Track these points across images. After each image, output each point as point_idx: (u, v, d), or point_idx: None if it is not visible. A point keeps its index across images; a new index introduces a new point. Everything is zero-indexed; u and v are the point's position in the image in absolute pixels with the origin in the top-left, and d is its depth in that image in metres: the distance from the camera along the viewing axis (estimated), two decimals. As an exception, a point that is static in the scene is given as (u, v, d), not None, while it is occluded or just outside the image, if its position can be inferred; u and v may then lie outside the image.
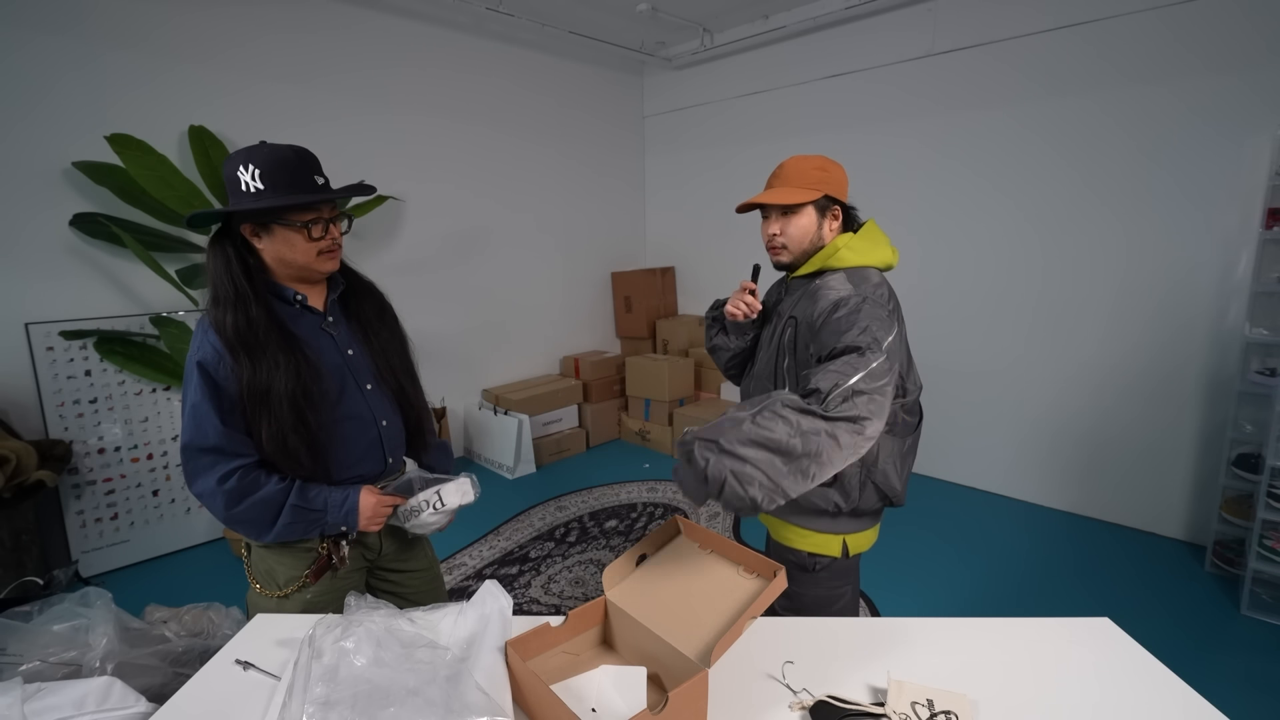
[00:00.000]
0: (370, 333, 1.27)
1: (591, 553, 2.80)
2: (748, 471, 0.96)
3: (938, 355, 3.51)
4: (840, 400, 1.02)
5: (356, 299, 1.28)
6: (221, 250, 1.10)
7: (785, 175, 1.26)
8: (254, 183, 1.05)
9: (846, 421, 1.01)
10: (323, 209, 1.12)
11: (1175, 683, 0.93)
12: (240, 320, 1.06)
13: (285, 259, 1.11)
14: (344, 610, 0.95)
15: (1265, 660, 2.05)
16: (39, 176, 2.46)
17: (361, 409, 1.21)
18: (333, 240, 1.13)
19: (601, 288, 4.80)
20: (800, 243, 1.26)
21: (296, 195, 1.06)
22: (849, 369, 1.05)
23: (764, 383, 1.34)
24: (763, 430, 0.98)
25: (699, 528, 1.07)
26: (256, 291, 1.10)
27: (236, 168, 1.06)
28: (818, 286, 1.23)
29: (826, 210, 1.26)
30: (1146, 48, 2.70)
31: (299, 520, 1.12)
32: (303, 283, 1.18)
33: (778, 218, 1.27)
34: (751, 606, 0.87)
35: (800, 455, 0.97)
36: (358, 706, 0.76)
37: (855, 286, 1.18)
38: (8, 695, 0.92)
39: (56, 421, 2.55)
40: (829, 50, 3.72)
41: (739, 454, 0.96)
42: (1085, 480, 3.09)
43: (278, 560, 1.20)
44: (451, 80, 3.70)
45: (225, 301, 1.08)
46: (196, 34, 2.78)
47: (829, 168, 1.25)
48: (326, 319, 1.21)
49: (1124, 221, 2.85)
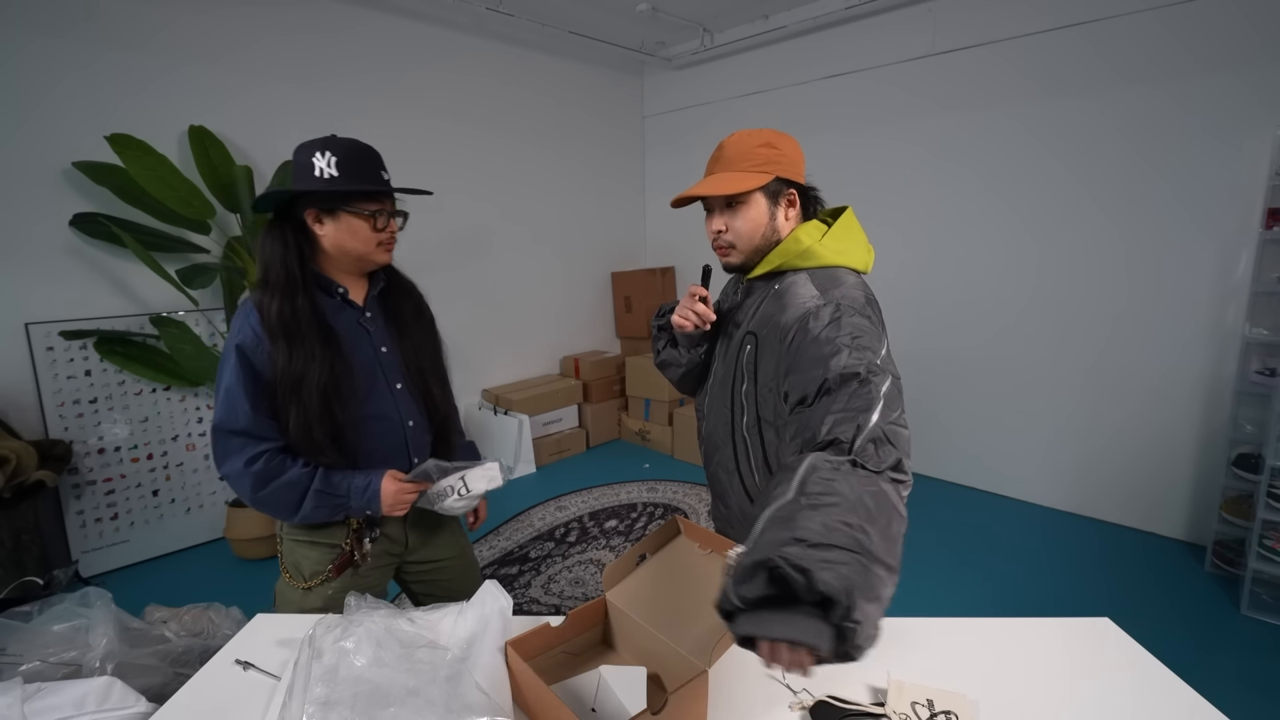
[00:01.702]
0: (405, 332, 1.28)
1: (591, 553, 2.80)
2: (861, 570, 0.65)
3: (937, 356, 3.51)
4: (874, 448, 0.80)
5: (395, 297, 1.29)
6: (280, 235, 1.11)
7: (726, 158, 1.05)
8: (329, 169, 1.07)
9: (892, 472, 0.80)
10: (386, 202, 1.15)
11: (1175, 683, 0.93)
12: (286, 307, 1.08)
13: (346, 246, 1.13)
14: (344, 610, 0.95)
15: (1265, 660, 2.05)
16: (39, 176, 2.46)
17: (389, 408, 1.23)
18: (391, 233, 1.17)
19: (601, 288, 4.80)
20: (751, 239, 1.05)
21: (366, 183, 1.10)
22: (861, 404, 0.84)
23: (720, 405, 1.15)
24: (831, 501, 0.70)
25: (699, 528, 1.07)
26: (305, 280, 1.12)
27: (311, 154, 1.08)
28: (779, 293, 1.04)
29: (780, 196, 1.04)
30: (1146, 48, 2.70)
31: (323, 504, 1.13)
32: (351, 274, 1.20)
33: (721, 211, 1.06)
34: None
35: (877, 516, 0.71)
36: (358, 706, 0.76)
37: (823, 292, 0.99)
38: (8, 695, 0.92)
39: (56, 421, 2.55)
40: (829, 50, 3.72)
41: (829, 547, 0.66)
42: (1085, 480, 3.09)
43: (305, 554, 1.23)
44: (451, 80, 3.70)
45: (275, 286, 1.09)
46: (197, 34, 2.78)
47: (779, 143, 1.04)
48: (365, 314, 1.22)
49: (1123, 221, 2.85)
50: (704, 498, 3.32)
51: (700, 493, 3.40)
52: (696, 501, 3.30)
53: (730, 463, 1.15)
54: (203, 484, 2.94)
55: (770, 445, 1.07)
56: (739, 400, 1.10)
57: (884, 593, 0.68)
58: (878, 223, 3.57)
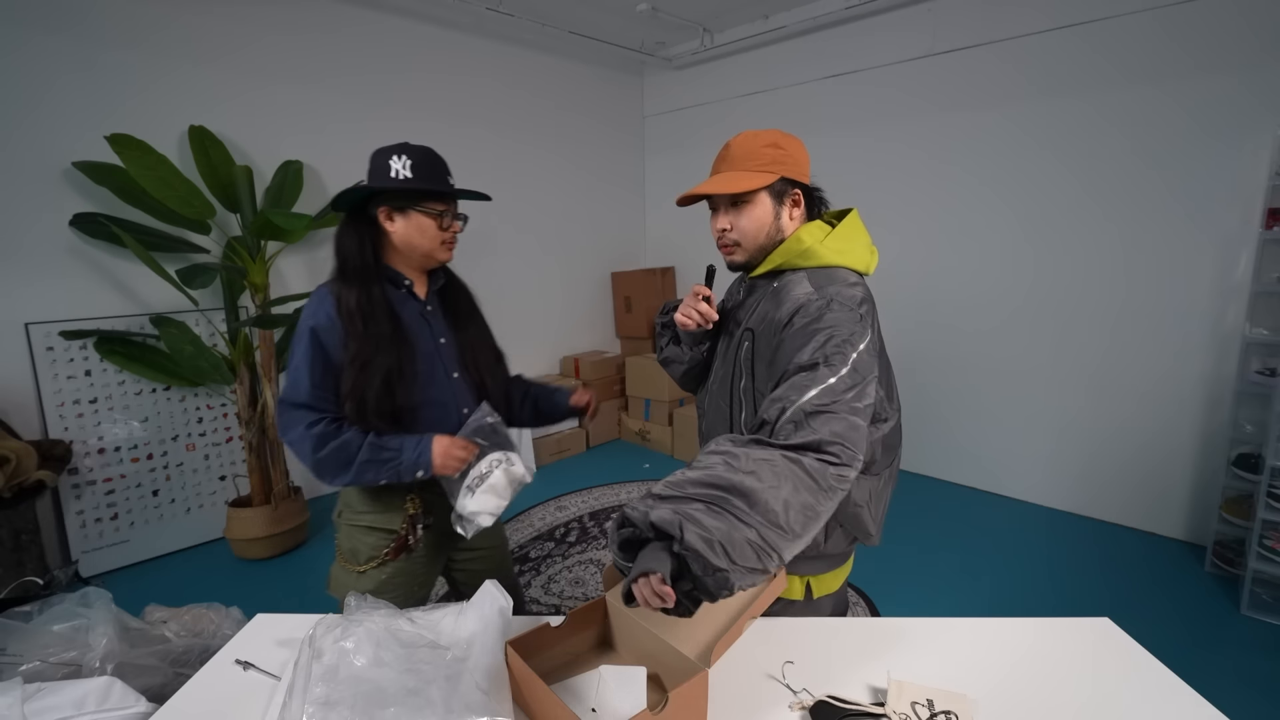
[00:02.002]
0: (461, 326, 1.37)
1: (591, 553, 2.80)
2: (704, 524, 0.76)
3: (937, 356, 3.51)
4: (792, 426, 0.85)
5: (453, 294, 1.40)
6: (355, 230, 1.23)
7: (732, 157, 1.06)
8: (404, 171, 1.19)
9: (805, 450, 0.83)
10: (451, 204, 1.26)
11: (1175, 683, 0.93)
12: (362, 295, 1.18)
13: (413, 242, 1.23)
14: (344, 610, 0.95)
15: (1265, 660, 2.05)
16: (39, 176, 2.46)
17: (446, 395, 1.31)
18: (454, 233, 1.27)
19: (601, 288, 4.80)
20: (755, 237, 1.06)
21: (440, 186, 1.21)
22: (797, 388, 0.88)
23: (719, 402, 1.16)
24: (697, 471, 0.81)
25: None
26: (380, 271, 1.23)
27: (389, 157, 1.20)
28: (777, 291, 1.05)
29: (785, 195, 1.05)
30: (1146, 48, 2.71)
31: (374, 458, 1.17)
32: (416, 270, 1.30)
33: (726, 210, 1.07)
34: (751, 607, 0.87)
35: (758, 491, 0.78)
36: (358, 706, 0.76)
37: (818, 289, 0.99)
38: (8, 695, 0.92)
39: (56, 421, 2.55)
40: (829, 50, 3.72)
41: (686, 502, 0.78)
42: (1085, 480, 3.09)
43: (362, 539, 1.29)
44: (451, 80, 3.70)
45: (353, 275, 1.20)
46: (197, 34, 2.78)
47: (784, 143, 1.05)
48: (426, 307, 1.31)
49: (1124, 221, 2.85)
50: (704, 498, 3.32)
51: (700, 493, 3.40)
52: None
53: None
54: (203, 484, 2.94)
55: None
56: (737, 396, 1.10)
57: (737, 536, 0.76)
58: (877, 223, 3.56)
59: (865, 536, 1.13)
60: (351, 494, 1.31)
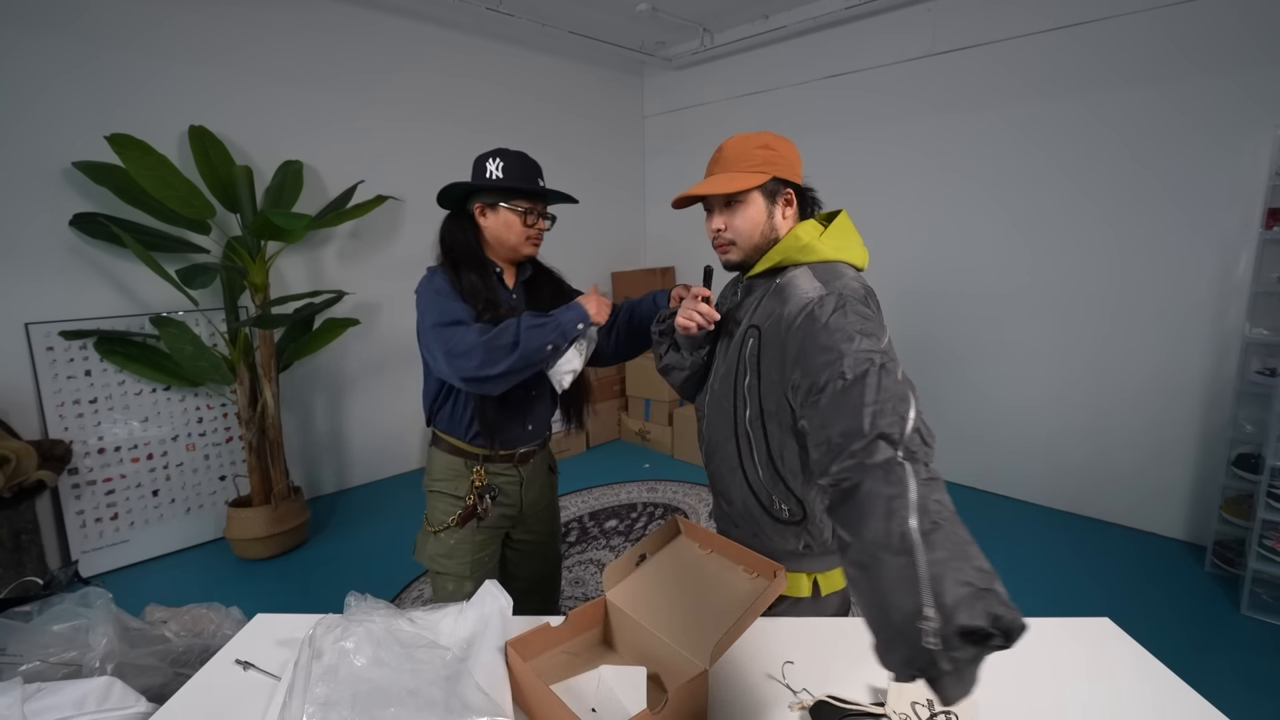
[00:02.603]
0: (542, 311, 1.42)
1: (591, 553, 2.80)
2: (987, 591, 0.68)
3: (936, 356, 3.51)
4: (919, 438, 0.83)
5: (538, 283, 1.50)
6: (460, 223, 1.38)
7: (724, 159, 1.08)
8: (497, 171, 1.32)
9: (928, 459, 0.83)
10: (538, 204, 1.37)
11: (1175, 683, 0.93)
12: (470, 277, 1.32)
13: (501, 237, 1.36)
14: (344, 610, 0.95)
15: (1265, 660, 2.05)
16: (39, 176, 2.47)
17: (528, 381, 1.36)
18: (539, 230, 1.38)
19: (601, 287, 4.79)
20: (750, 237, 1.08)
21: (525, 184, 1.33)
22: (894, 395, 0.83)
23: (722, 401, 1.14)
24: (940, 530, 0.73)
25: (699, 528, 1.07)
26: (483, 260, 1.38)
27: (486, 160, 1.33)
28: (781, 287, 1.06)
29: (777, 195, 1.07)
30: (1146, 49, 2.71)
31: (535, 323, 1.25)
32: (505, 261, 1.42)
33: (721, 210, 1.09)
34: (752, 607, 0.87)
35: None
36: (358, 706, 0.76)
37: (825, 284, 1.00)
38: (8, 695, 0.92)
39: (56, 421, 2.55)
40: (829, 50, 3.72)
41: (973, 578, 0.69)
42: (1085, 480, 3.09)
43: (437, 504, 1.42)
44: (451, 80, 3.70)
45: (460, 261, 1.34)
46: (197, 34, 2.78)
47: (775, 145, 1.07)
48: (513, 295, 1.43)
49: (1124, 221, 2.85)
50: (704, 498, 3.32)
51: (700, 493, 3.40)
52: (696, 501, 3.30)
53: (733, 458, 1.14)
54: (203, 484, 2.94)
55: (773, 438, 1.06)
56: (741, 394, 1.10)
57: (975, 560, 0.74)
58: (876, 223, 3.59)
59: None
60: (433, 462, 1.44)
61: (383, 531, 3.04)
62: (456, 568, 1.40)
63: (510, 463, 1.43)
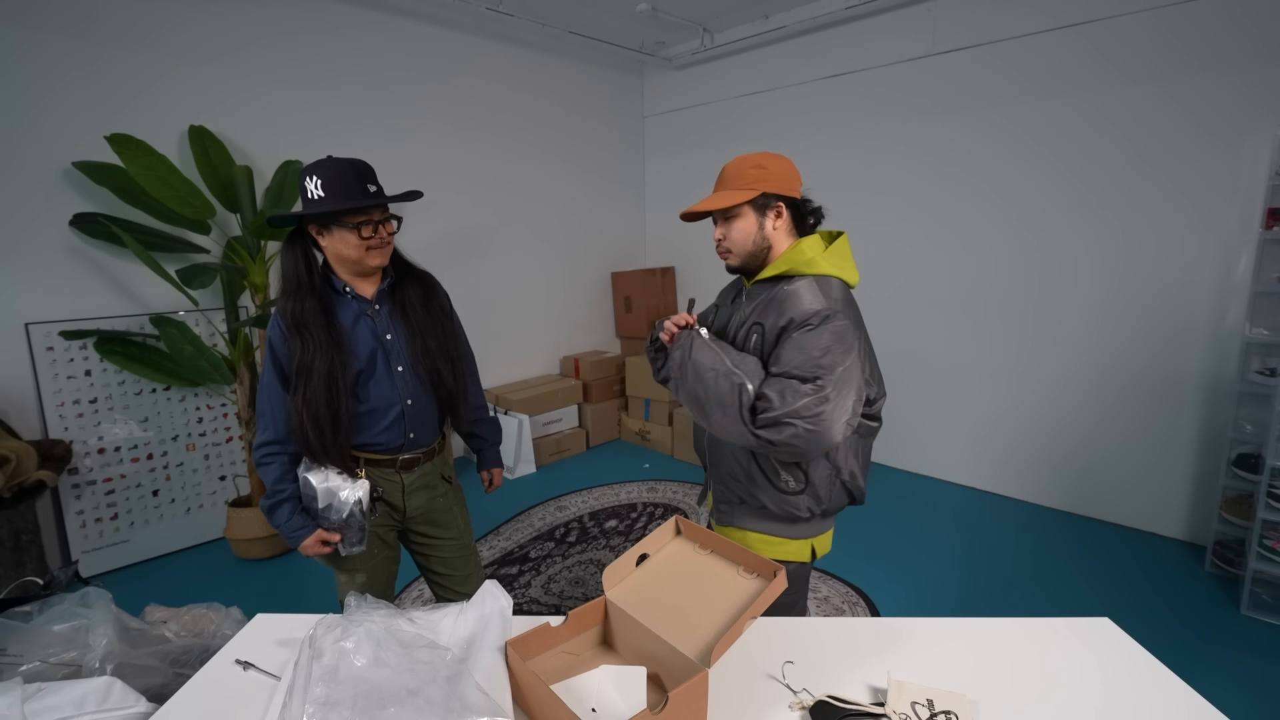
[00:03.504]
0: (412, 318, 1.42)
1: (591, 553, 2.80)
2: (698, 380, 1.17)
3: (936, 356, 3.51)
4: (767, 424, 1.10)
5: (404, 287, 1.43)
6: (292, 249, 1.32)
7: (724, 178, 1.25)
8: (317, 191, 1.25)
9: (765, 441, 1.11)
10: (373, 212, 1.29)
11: (1175, 683, 0.93)
12: (297, 308, 1.29)
13: (341, 255, 1.31)
14: (344, 610, 0.95)
15: (1265, 660, 2.05)
16: (39, 176, 2.46)
17: (388, 389, 1.38)
18: (380, 239, 1.31)
19: (601, 288, 4.80)
20: (743, 245, 1.24)
21: (347, 202, 1.25)
22: (789, 395, 1.10)
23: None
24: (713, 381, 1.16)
25: (699, 528, 1.07)
26: (314, 284, 1.32)
27: (304, 179, 1.26)
28: (786, 294, 1.19)
29: (767, 208, 1.22)
30: (1146, 48, 2.71)
31: (269, 510, 1.36)
32: (358, 276, 1.36)
33: (720, 222, 1.26)
34: (751, 607, 0.87)
35: (714, 399, 1.14)
36: (358, 706, 0.76)
37: (826, 299, 1.15)
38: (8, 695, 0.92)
39: (56, 421, 2.55)
40: (829, 50, 3.72)
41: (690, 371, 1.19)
42: (1086, 480, 3.09)
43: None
44: (451, 80, 3.70)
45: (289, 292, 1.31)
46: (197, 34, 2.78)
47: (767, 164, 1.21)
48: (372, 306, 1.38)
49: (1124, 222, 2.85)
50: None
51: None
52: (696, 501, 3.30)
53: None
54: (203, 484, 2.94)
55: None
56: None
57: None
58: (876, 222, 3.59)
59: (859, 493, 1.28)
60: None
61: (383, 531, 3.04)
62: (346, 564, 1.45)
63: (392, 468, 1.44)
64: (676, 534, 1.10)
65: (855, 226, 1.50)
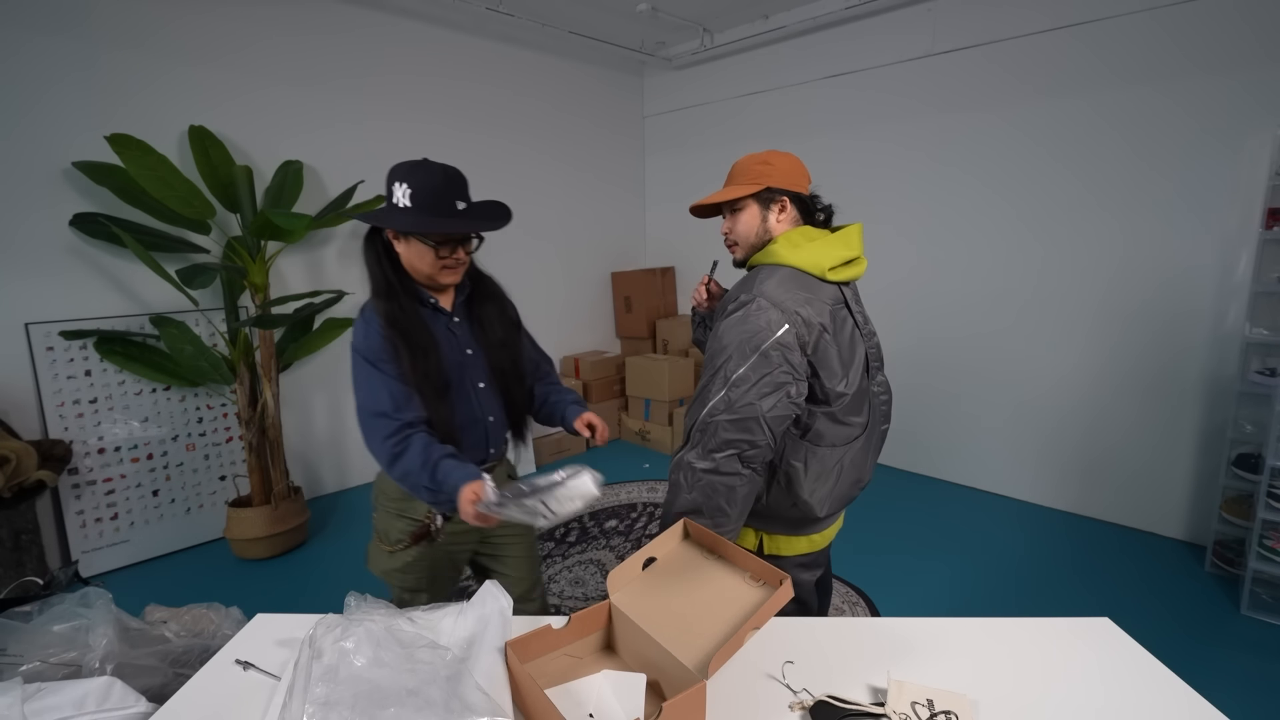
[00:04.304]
0: (489, 335, 1.38)
1: (591, 553, 2.80)
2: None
3: (937, 356, 3.51)
4: (699, 434, 1.13)
5: (480, 302, 1.40)
6: (374, 247, 1.26)
7: (732, 174, 1.29)
8: (404, 200, 1.18)
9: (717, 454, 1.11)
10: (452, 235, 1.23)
11: (1175, 683, 0.93)
12: (396, 309, 1.23)
13: (415, 266, 1.25)
14: (344, 610, 0.95)
15: (1265, 660, 2.05)
16: (39, 176, 2.46)
17: (473, 405, 1.34)
18: (456, 260, 1.26)
19: (601, 288, 4.80)
20: (747, 237, 1.28)
21: (431, 222, 1.19)
22: (700, 401, 1.15)
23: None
24: (672, 504, 1.15)
25: (707, 532, 1.06)
26: (404, 286, 1.26)
27: (394, 181, 1.19)
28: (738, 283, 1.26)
29: (771, 202, 1.24)
30: (1146, 49, 2.70)
31: (421, 485, 1.20)
32: (432, 288, 1.30)
33: (728, 215, 1.30)
34: (754, 617, 0.86)
35: (704, 505, 1.12)
36: (358, 706, 0.76)
37: (747, 290, 1.17)
38: (8, 695, 0.92)
39: (56, 421, 2.55)
40: (829, 50, 3.72)
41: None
42: (1085, 480, 3.09)
43: (393, 523, 1.36)
44: (451, 80, 3.70)
45: (381, 293, 1.24)
46: (197, 34, 2.78)
47: (772, 160, 1.24)
48: (453, 319, 1.33)
49: (1124, 222, 2.85)
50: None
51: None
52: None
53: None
54: (203, 484, 2.94)
55: None
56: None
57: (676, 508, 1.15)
58: (876, 222, 3.58)
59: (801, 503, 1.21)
60: (384, 480, 1.35)
61: (383, 531, 3.04)
62: (412, 582, 1.37)
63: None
64: (684, 537, 1.10)
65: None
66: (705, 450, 1.12)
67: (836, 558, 2.66)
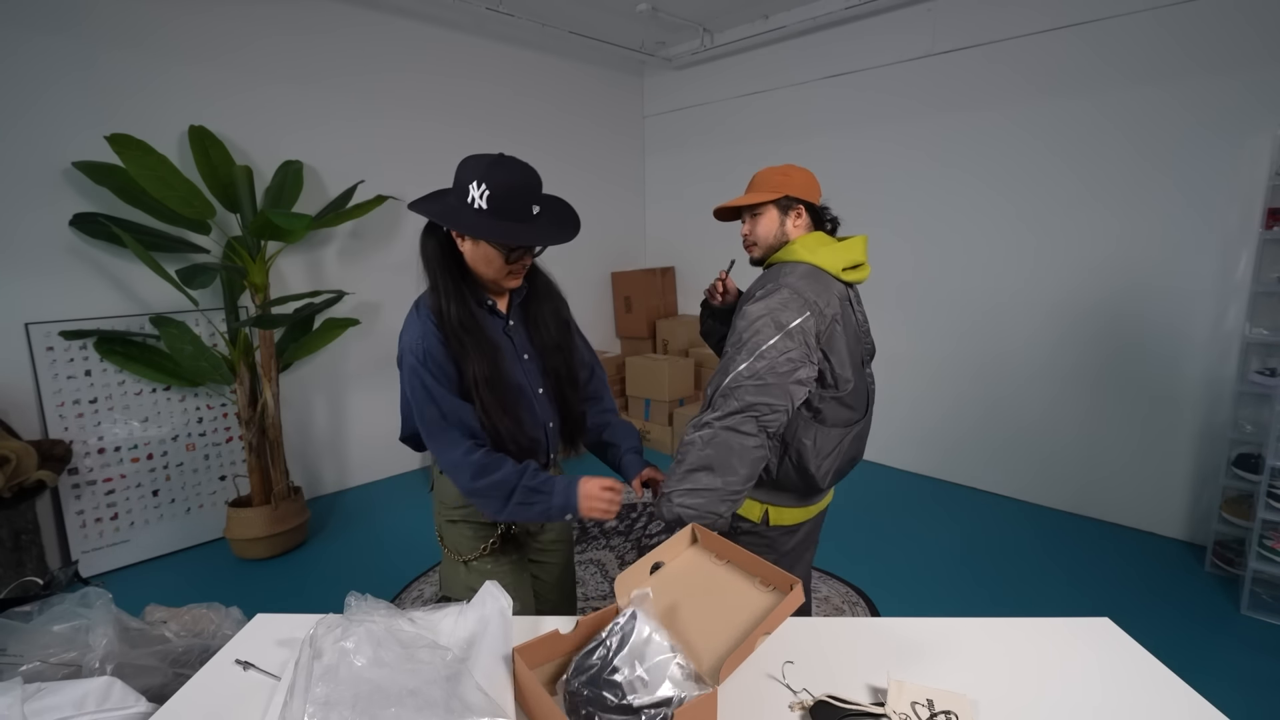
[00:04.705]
0: (545, 339, 1.32)
1: (591, 553, 2.80)
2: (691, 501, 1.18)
3: (937, 356, 3.51)
4: (722, 399, 1.21)
5: (536, 303, 1.32)
6: (435, 243, 1.19)
7: (753, 183, 1.42)
8: (480, 201, 1.10)
9: (737, 414, 1.18)
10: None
11: (1175, 683, 0.93)
12: (463, 313, 1.16)
13: (479, 269, 1.18)
14: (344, 610, 0.94)
15: (1265, 660, 2.05)
16: (39, 176, 2.46)
17: (533, 411, 1.28)
18: (524, 266, 1.20)
19: (601, 287, 4.80)
20: (766, 239, 1.39)
21: (511, 229, 1.12)
22: (722, 371, 1.22)
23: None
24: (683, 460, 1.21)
25: (716, 537, 1.05)
26: (468, 285, 1.19)
27: (471, 179, 1.10)
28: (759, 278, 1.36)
29: (789, 208, 1.37)
30: (1146, 48, 2.71)
31: (526, 501, 1.17)
32: (492, 290, 1.25)
33: (748, 218, 1.42)
34: (764, 623, 0.86)
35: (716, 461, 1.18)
36: (358, 706, 0.76)
37: (773, 279, 1.27)
38: (8, 695, 0.92)
39: (56, 421, 2.55)
40: (829, 50, 3.72)
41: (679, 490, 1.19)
42: (1085, 480, 3.09)
43: (461, 533, 1.32)
44: (451, 80, 3.70)
45: (440, 291, 1.17)
46: (197, 34, 2.78)
47: (790, 172, 1.37)
48: (509, 323, 1.27)
49: (1124, 222, 2.85)
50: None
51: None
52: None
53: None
54: (203, 484, 2.94)
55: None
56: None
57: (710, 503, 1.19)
58: (876, 223, 3.59)
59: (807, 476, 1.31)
60: (447, 490, 1.29)
61: (383, 531, 3.04)
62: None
63: None
64: (692, 542, 1.09)
65: (855, 226, 1.53)
66: (726, 411, 1.19)
67: (836, 558, 2.67)
